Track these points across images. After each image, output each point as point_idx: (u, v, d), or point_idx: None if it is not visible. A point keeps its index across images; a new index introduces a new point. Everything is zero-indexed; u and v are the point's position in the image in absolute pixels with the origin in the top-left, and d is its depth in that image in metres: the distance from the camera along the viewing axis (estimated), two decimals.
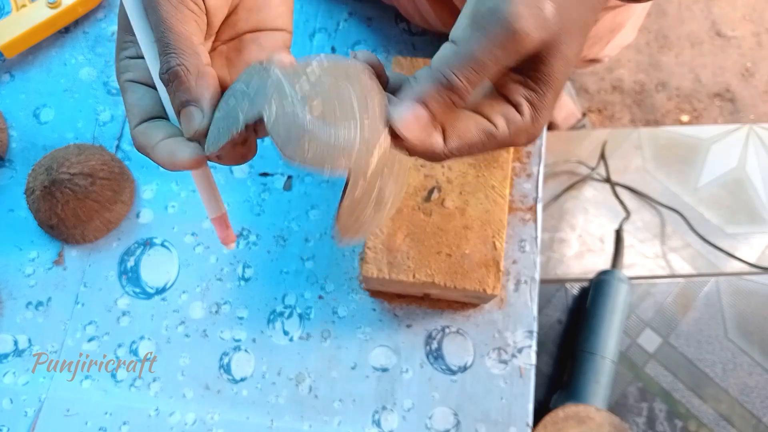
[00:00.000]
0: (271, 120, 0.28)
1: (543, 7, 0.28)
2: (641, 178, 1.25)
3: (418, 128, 0.29)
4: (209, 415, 0.52)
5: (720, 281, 1.18)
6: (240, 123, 0.29)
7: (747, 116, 1.35)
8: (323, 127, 0.27)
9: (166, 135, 0.32)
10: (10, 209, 0.58)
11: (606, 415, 0.98)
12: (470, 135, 0.30)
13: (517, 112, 0.31)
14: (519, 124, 0.31)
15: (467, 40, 0.29)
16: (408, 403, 0.52)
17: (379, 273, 0.49)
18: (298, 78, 0.29)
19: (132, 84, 0.34)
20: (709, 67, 1.39)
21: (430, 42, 0.63)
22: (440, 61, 0.29)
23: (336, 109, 0.28)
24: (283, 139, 0.27)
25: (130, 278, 0.56)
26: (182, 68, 0.31)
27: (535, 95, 0.30)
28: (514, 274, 0.55)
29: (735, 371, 1.12)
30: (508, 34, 0.28)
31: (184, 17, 0.31)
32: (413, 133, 0.29)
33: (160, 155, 0.32)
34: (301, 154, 0.27)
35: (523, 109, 0.31)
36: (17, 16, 0.60)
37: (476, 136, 0.30)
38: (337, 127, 0.27)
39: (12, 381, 0.53)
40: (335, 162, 0.27)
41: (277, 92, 0.28)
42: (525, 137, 0.31)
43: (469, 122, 0.31)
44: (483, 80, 0.29)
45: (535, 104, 0.31)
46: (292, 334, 0.54)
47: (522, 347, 0.53)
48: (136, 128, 0.33)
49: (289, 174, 0.58)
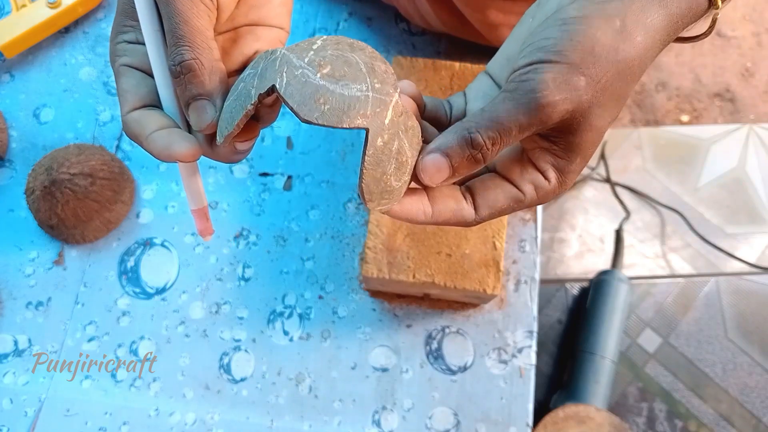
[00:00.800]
0: (283, 85, 0.28)
1: (574, 80, 0.28)
2: (641, 178, 1.25)
3: (437, 177, 0.30)
4: (209, 415, 0.52)
5: (720, 281, 1.18)
6: (253, 96, 0.29)
7: (747, 116, 1.35)
8: (336, 84, 0.28)
9: (160, 125, 0.32)
10: (10, 209, 0.58)
11: (606, 415, 0.98)
12: (499, 204, 0.32)
13: (545, 178, 0.31)
14: (546, 190, 0.32)
15: (495, 102, 0.30)
16: (408, 403, 0.52)
17: (379, 273, 0.49)
18: (306, 52, 0.30)
19: (128, 69, 0.33)
20: (709, 67, 1.39)
21: (429, 42, 0.63)
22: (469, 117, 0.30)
23: (346, 73, 0.29)
24: (298, 102, 0.28)
25: (130, 278, 0.56)
26: (197, 62, 0.31)
27: (562, 162, 0.31)
28: (514, 274, 0.55)
29: (735, 371, 1.12)
30: (534, 104, 0.28)
31: (199, 11, 0.31)
32: (432, 180, 0.30)
33: (156, 146, 0.31)
34: (318, 111, 0.28)
35: (550, 175, 0.31)
36: (17, 16, 0.60)
37: (505, 204, 0.32)
38: (350, 86, 0.28)
39: (12, 381, 0.53)
40: (352, 118, 0.28)
41: (287, 65, 0.29)
42: (551, 197, 0.33)
43: (497, 192, 0.32)
44: (507, 144, 0.30)
45: (562, 170, 0.31)
46: (292, 334, 0.54)
47: (522, 347, 0.53)
48: (129, 114, 0.32)
49: (289, 174, 0.58)
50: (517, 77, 0.29)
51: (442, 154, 0.30)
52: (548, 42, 0.29)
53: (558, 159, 0.31)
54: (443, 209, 0.31)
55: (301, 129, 0.60)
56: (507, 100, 0.29)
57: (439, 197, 0.32)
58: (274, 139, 0.59)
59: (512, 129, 0.29)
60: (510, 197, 0.32)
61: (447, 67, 0.54)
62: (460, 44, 0.62)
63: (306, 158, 0.59)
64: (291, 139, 0.59)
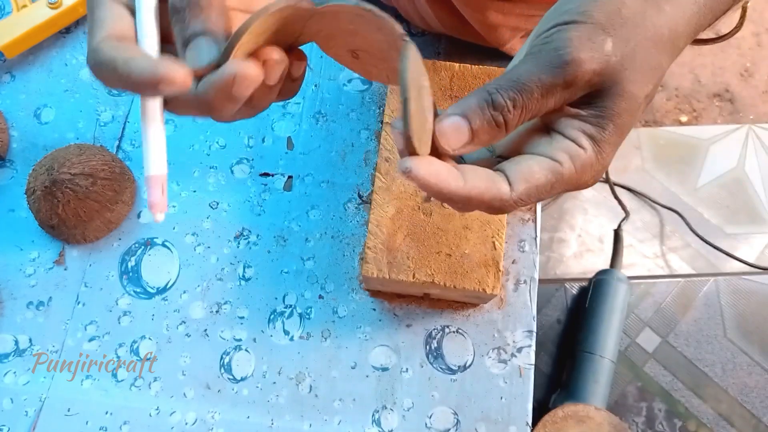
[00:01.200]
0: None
1: (600, 39, 0.27)
2: (640, 178, 1.25)
3: (456, 140, 0.28)
4: (210, 415, 0.52)
5: (719, 281, 1.18)
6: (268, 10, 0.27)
7: (746, 116, 1.36)
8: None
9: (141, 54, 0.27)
10: (10, 209, 0.58)
11: (605, 414, 0.98)
12: (536, 176, 0.28)
13: (578, 146, 0.28)
14: (583, 158, 0.28)
15: (516, 64, 0.28)
16: (408, 402, 0.52)
17: (379, 273, 0.49)
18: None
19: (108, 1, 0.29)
20: (708, 67, 1.39)
21: (429, 43, 0.63)
22: (488, 83, 0.28)
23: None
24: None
25: (130, 278, 0.56)
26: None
27: (593, 129, 0.28)
28: (513, 273, 0.55)
29: (734, 371, 1.12)
30: (557, 61, 0.27)
31: None
32: (450, 144, 0.28)
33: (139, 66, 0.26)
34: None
35: (582, 141, 0.28)
36: (18, 16, 0.60)
37: (542, 176, 0.28)
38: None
39: (12, 381, 0.53)
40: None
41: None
42: (591, 174, 0.29)
43: (530, 163, 0.28)
44: (530, 109, 0.27)
45: (595, 137, 0.28)
46: (293, 333, 0.54)
47: (521, 347, 0.53)
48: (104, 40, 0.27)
49: (290, 174, 0.58)
50: (540, 41, 0.28)
51: (461, 116, 0.28)
52: (572, 5, 0.27)
53: (587, 125, 0.28)
54: (476, 180, 0.28)
55: (301, 130, 0.60)
56: (529, 61, 0.27)
57: (469, 169, 0.28)
58: (275, 139, 0.60)
59: (533, 89, 0.27)
60: (546, 167, 0.28)
61: (447, 68, 0.54)
62: (459, 45, 0.62)
63: (306, 158, 0.59)
64: (291, 140, 0.60)
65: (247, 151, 0.59)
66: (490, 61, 0.63)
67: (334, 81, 0.61)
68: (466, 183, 0.27)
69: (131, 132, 0.60)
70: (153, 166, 0.30)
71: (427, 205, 0.50)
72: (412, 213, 0.50)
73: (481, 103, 0.28)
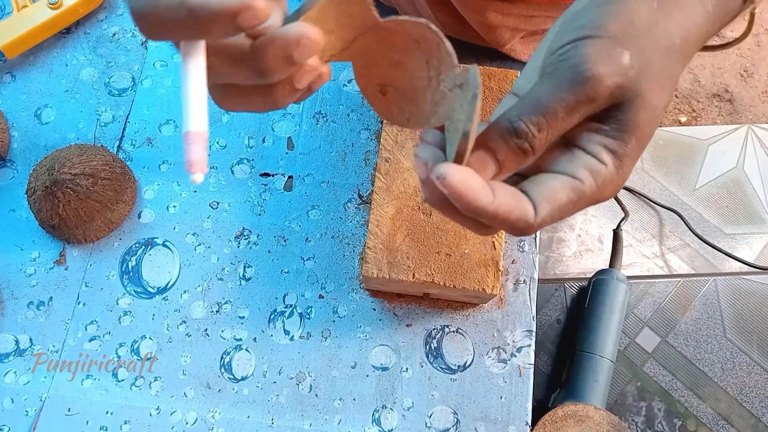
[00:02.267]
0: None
1: (618, 53, 0.26)
2: (640, 179, 1.25)
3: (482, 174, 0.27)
4: (210, 414, 0.52)
5: (718, 281, 1.18)
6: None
7: (746, 116, 1.36)
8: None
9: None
10: (11, 209, 0.58)
11: (605, 414, 0.99)
12: (558, 196, 0.27)
13: (599, 161, 0.28)
14: (605, 174, 0.28)
15: (534, 86, 0.27)
16: (408, 402, 0.53)
17: (379, 273, 0.49)
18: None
19: None
20: (707, 67, 1.39)
21: None
22: (502, 111, 0.27)
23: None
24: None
25: (131, 278, 0.56)
26: None
27: (615, 143, 0.28)
28: (513, 273, 0.55)
29: (734, 370, 1.12)
30: (578, 78, 0.26)
31: None
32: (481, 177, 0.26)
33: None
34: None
35: (603, 157, 0.28)
36: (18, 16, 0.60)
37: (565, 196, 0.27)
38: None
39: (13, 380, 0.53)
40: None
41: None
42: (611, 189, 0.28)
43: (552, 183, 0.28)
44: (555, 129, 0.27)
45: (616, 152, 0.28)
46: (293, 333, 0.54)
47: (521, 346, 0.54)
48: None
49: (290, 174, 0.59)
50: (555, 58, 0.27)
51: (484, 149, 0.27)
52: (584, 20, 0.27)
53: (609, 139, 0.28)
54: (505, 197, 0.27)
55: (301, 130, 0.60)
56: (547, 81, 0.27)
57: (498, 186, 0.27)
58: (275, 140, 0.60)
59: (557, 110, 0.26)
60: (567, 186, 0.27)
61: None
62: (459, 45, 0.62)
63: (306, 159, 0.59)
64: (292, 140, 0.60)
65: (248, 152, 0.59)
66: (490, 62, 0.63)
67: (334, 81, 0.61)
68: (496, 199, 0.26)
69: (132, 132, 0.60)
70: (194, 122, 0.27)
71: (427, 205, 0.51)
72: (412, 213, 0.50)
73: (504, 133, 0.27)
